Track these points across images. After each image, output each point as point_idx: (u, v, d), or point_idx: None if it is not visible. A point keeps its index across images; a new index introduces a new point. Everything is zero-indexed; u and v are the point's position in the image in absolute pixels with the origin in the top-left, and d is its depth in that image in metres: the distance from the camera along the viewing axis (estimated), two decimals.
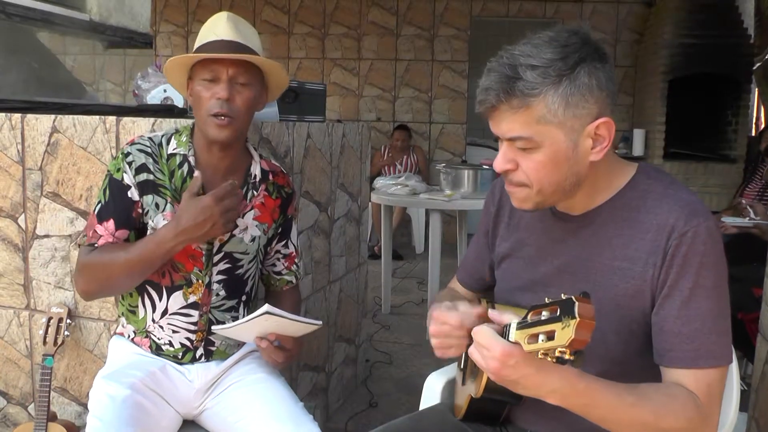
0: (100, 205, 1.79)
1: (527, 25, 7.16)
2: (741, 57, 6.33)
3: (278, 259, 2.03)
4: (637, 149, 6.88)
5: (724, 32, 6.35)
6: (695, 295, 1.25)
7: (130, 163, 1.79)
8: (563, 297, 1.03)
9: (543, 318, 1.05)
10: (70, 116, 2.34)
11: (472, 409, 1.51)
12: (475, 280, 1.69)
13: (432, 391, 1.79)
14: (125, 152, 1.81)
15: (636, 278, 1.29)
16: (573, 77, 1.22)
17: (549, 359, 1.02)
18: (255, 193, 1.91)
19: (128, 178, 1.78)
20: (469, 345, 1.21)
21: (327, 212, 3.05)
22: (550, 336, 1.02)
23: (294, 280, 2.08)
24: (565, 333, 0.99)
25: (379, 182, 5.12)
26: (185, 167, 1.82)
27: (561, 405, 1.16)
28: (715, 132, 6.75)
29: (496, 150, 1.36)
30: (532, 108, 1.23)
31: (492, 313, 1.20)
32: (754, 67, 6.27)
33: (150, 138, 1.85)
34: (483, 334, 1.13)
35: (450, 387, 1.79)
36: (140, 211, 1.79)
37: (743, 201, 4.06)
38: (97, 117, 2.31)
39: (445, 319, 1.34)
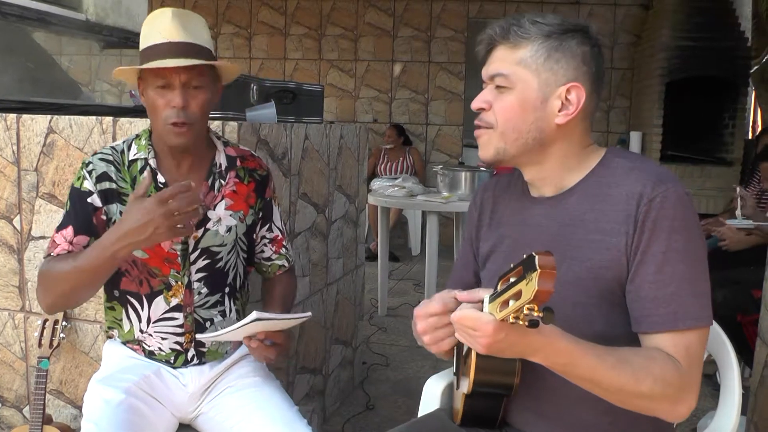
0: (62, 216, 1.77)
1: None
2: (738, 60, 6.34)
3: (265, 245, 1.98)
4: (634, 151, 6.89)
5: (721, 35, 6.35)
6: (668, 258, 1.27)
7: (90, 172, 1.75)
8: (524, 256, 1.05)
9: (510, 282, 1.07)
10: (66, 117, 2.32)
11: (468, 410, 1.50)
12: (462, 288, 1.68)
13: (431, 396, 1.78)
14: (86, 162, 1.78)
15: (611, 249, 1.31)
16: (562, 39, 1.35)
17: (521, 323, 1.04)
18: (222, 182, 1.85)
19: (88, 184, 1.75)
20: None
21: (324, 214, 3.03)
22: (518, 296, 1.04)
23: (286, 264, 2.03)
24: (529, 288, 1.00)
25: (375, 184, 5.12)
26: (147, 171, 1.79)
27: (545, 364, 1.20)
28: (712, 135, 6.75)
29: None
30: (518, 49, 1.35)
31: (461, 295, 1.23)
32: (752, 70, 6.28)
33: (113, 147, 1.81)
34: (466, 317, 1.15)
35: (449, 391, 1.78)
36: (104, 218, 1.75)
37: (737, 189, 4.04)
38: (94, 117, 2.30)
39: (427, 311, 1.34)
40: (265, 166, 1.98)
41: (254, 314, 1.60)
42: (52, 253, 1.72)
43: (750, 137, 7.13)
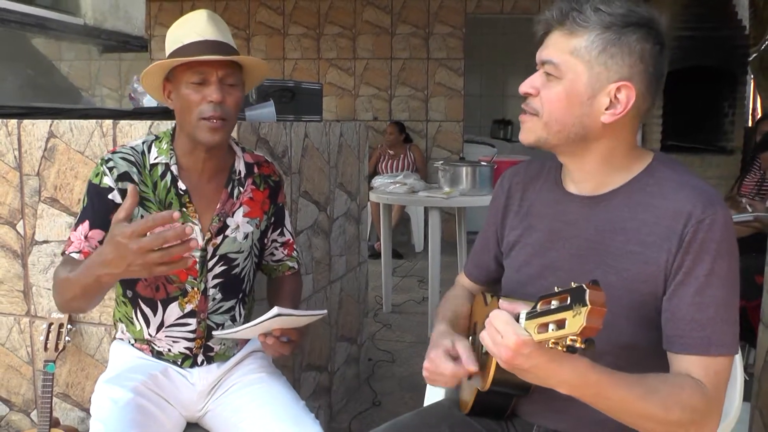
0: (79, 214, 1.75)
1: (522, 22, 7.15)
2: (737, 49, 6.34)
3: (276, 248, 2.00)
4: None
5: (719, 25, 6.35)
6: (710, 282, 1.24)
7: (111, 168, 1.73)
8: (573, 285, 1.02)
9: (553, 307, 1.04)
10: (67, 121, 2.33)
11: (478, 402, 1.50)
12: (481, 271, 1.68)
13: (435, 389, 1.79)
14: (106, 158, 1.76)
15: (649, 263, 1.29)
16: (622, 32, 1.26)
17: (560, 348, 1.02)
18: (242, 189, 1.86)
19: (108, 180, 1.73)
20: (479, 330, 1.21)
21: (326, 212, 3.04)
22: (561, 325, 1.01)
23: (296, 266, 2.05)
24: (576, 321, 0.98)
25: (377, 181, 5.11)
26: (168, 177, 1.78)
27: (571, 395, 1.16)
28: (712, 124, 6.75)
29: (494, 146, 1.38)
30: (574, 37, 1.28)
31: (503, 303, 1.19)
32: (750, 59, 6.27)
33: (132, 147, 1.79)
34: (500, 320, 1.11)
35: None
36: None
37: (743, 200, 4.07)
38: (94, 121, 2.31)
39: (439, 370, 1.39)
40: (278, 172, 1.99)
41: (275, 310, 1.59)
42: (66, 251, 1.71)
43: (750, 125, 7.12)
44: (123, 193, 1.72)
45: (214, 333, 1.82)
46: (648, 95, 1.31)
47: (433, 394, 1.79)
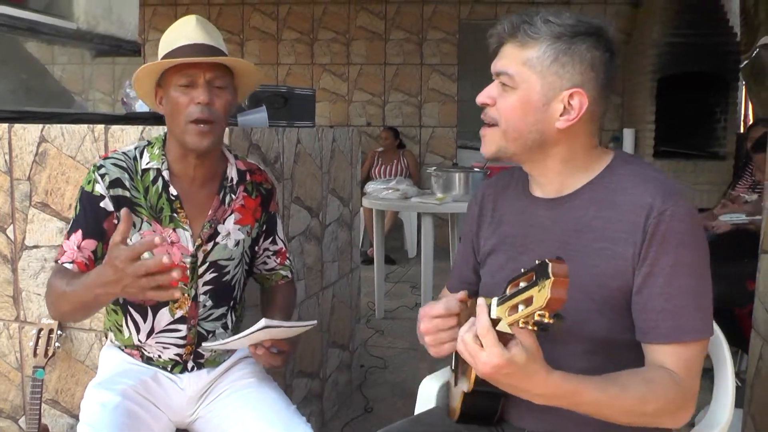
0: (72, 221, 1.74)
1: None
2: (728, 55, 6.37)
3: (268, 257, 1.99)
4: (628, 148, 6.89)
5: (710, 31, 6.38)
6: (677, 272, 1.28)
7: (102, 176, 1.73)
8: (537, 262, 1.05)
9: (521, 287, 1.08)
10: (59, 125, 2.32)
11: (466, 406, 1.50)
12: (463, 284, 1.69)
13: (427, 396, 1.78)
14: (98, 165, 1.75)
15: (617, 258, 1.31)
16: (572, 41, 1.31)
17: (530, 327, 1.05)
18: (233, 196, 1.86)
19: (100, 188, 1.72)
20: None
21: (318, 218, 3.04)
22: (529, 302, 1.04)
23: (289, 275, 2.04)
24: (541, 294, 1.01)
25: (370, 187, 5.11)
26: (159, 182, 1.77)
27: (548, 404, 1.22)
28: (705, 130, 6.77)
29: None
30: (526, 49, 1.32)
31: (480, 301, 1.21)
32: (741, 65, 6.30)
33: (124, 152, 1.79)
34: (484, 337, 1.14)
35: (445, 391, 1.78)
36: (115, 222, 1.71)
37: (741, 195, 4.10)
38: (86, 126, 2.30)
39: (432, 312, 1.36)
40: (270, 180, 1.99)
41: (263, 322, 1.59)
42: (58, 260, 1.70)
43: (742, 131, 7.15)
44: (114, 200, 1.72)
45: (204, 345, 1.81)
46: (601, 100, 1.36)
47: (425, 399, 1.78)
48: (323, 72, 8.21)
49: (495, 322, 1.15)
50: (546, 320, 1.02)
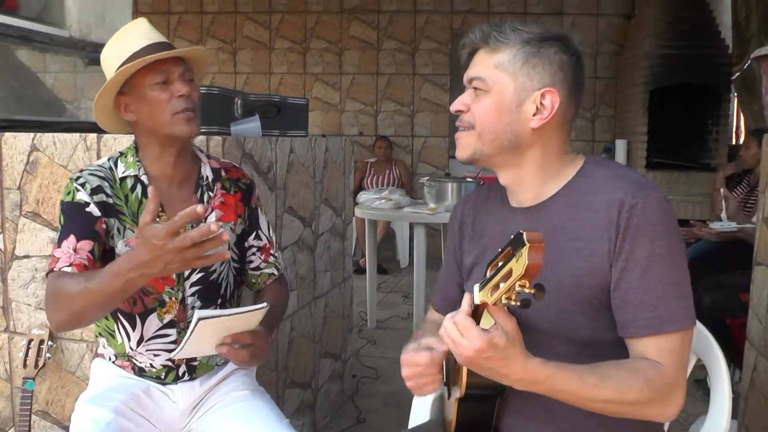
0: (59, 232, 1.70)
1: None
2: (720, 67, 6.39)
3: (253, 254, 1.97)
4: (620, 160, 6.90)
5: (702, 43, 6.41)
6: (652, 263, 1.29)
7: (83, 184, 1.70)
8: (511, 236, 1.09)
9: (500, 266, 1.10)
10: (50, 134, 2.31)
11: (461, 414, 1.49)
12: (447, 302, 1.69)
13: (421, 409, 1.77)
14: (75, 177, 1.72)
15: (593, 255, 1.33)
16: (541, 45, 1.37)
17: (513, 302, 1.07)
18: (211, 194, 1.85)
19: (83, 195, 1.69)
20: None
21: (311, 227, 3.02)
22: (508, 275, 1.07)
23: (275, 272, 2.01)
24: (519, 263, 1.03)
25: (362, 197, 5.10)
26: (138, 189, 1.76)
27: (526, 390, 1.23)
28: (697, 141, 6.79)
29: None
30: (497, 53, 1.38)
31: (468, 295, 1.25)
32: (733, 77, 6.33)
33: (99, 164, 1.77)
34: (463, 324, 1.18)
35: (438, 404, 1.77)
36: (104, 227, 1.69)
37: (722, 189, 4.11)
38: (78, 134, 2.28)
39: (415, 361, 1.41)
40: (248, 176, 1.98)
41: (197, 314, 1.55)
42: (54, 269, 1.63)
43: (734, 143, 7.18)
44: (100, 206, 1.70)
45: (171, 355, 1.78)
46: (572, 101, 1.41)
47: (419, 412, 1.77)
48: (315, 81, 8.21)
49: (480, 308, 1.20)
50: (527, 290, 1.04)
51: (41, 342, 2.25)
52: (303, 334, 2.96)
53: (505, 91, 1.37)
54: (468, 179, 4.97)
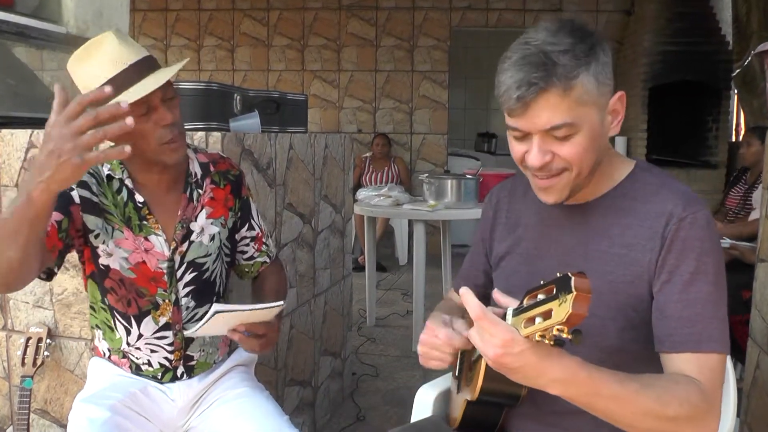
0: None
1: (506, 35, 7.15)
2: (720, 64, 6.39)
3: (246, 245, 1.95)
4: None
5: (702, 40, 6.41)
6: (695, 279, 1.25)
7: None
8: (558, 275, 1.02)
9: (539, 299, 1.04)
10: None
11: (468, 414, 1.48)
12: (470, 286, 1.66)
13: (423, 404, 1.76)
14: None
15: (634, 264, 1.30)
16: (596, 57, 1.25)
17: (547, 341, 1.01)
18: (201, 191, 1.81)
19: None
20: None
21: (311, 224, 3.01)
22: (547, 316, 1.00)
23: (267, 260, 2.00)
24: (562, 309, 0.97)
25: (361, 194, 5.09)
26: (124, 192, 1.73)
27: (563, 395, 1.13)
28: (697, 138, 6.79)
29: (478, 159, 1.36)
30: (573, 90, 1.23)
31: (496, 294, 1.20)
32: (734, 74, 6.33)
33: None
34: (487, 318, 1.08)
35: (441, 400, 1.76)
36: (81, 218, 1.65)
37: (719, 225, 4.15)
38: None
39: (435, 333, 1.33)
40: (236, 166, 1.94)
41: (214, 307, 1.54)
42: None
43: (734, 140, 7.17)
44: (82, 199, 1.65)
45: (184, 333, 1.75)
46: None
47: (421, 410, 1.76)
48: (314, 78, 8.19)
49: None
50: (564, 335, 0.98)
51: (39, 340, 2.24)
52: (303, 331, 2.94)
53: (594, 121, 1.27)
54: (468, 176, 4.96)
